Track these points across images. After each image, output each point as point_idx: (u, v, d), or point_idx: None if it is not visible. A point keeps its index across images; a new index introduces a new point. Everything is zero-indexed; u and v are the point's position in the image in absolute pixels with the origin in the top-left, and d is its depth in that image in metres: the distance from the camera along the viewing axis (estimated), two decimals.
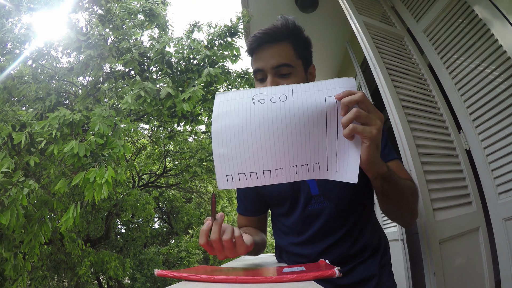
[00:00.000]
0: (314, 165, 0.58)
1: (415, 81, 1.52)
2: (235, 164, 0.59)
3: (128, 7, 3.88)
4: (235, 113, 0.59)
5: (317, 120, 0.56)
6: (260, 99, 0.59)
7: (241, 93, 0.62)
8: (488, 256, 1.23)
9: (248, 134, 0.58)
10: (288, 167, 0.57)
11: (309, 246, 0.84)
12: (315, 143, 0.57)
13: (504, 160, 1.23)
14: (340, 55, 2.96)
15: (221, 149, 0.59)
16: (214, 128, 0.60)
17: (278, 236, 0.95)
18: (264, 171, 0.58)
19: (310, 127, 0.57)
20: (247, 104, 0.59)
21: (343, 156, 0.57)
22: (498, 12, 1.24)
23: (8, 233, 2.80)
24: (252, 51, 0.84)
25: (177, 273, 0.54)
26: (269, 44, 0.81)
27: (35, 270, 6.04)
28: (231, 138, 0.59)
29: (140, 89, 3.01)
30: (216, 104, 0.62)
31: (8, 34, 3.44)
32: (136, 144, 8.26)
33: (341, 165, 0.57)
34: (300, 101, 0.57)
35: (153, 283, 8.41)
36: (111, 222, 7.82)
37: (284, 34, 0.81)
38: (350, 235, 0.83)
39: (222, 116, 0.60)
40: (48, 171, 3.22)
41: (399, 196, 0.69)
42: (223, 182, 0.60)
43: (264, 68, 0.80)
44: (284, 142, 0.57)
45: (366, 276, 0.81)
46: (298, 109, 0.57)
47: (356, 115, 0.53)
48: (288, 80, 0.80)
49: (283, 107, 0.57)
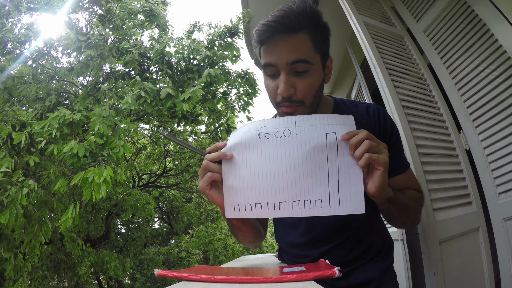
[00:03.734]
0: (316, 201, 0.60)
1: (415, 81, 1.52)
2: (242, 195, 0.64)
3: (128, 7, 3.88)
4: (243, 147, 0.64)
5: (318, 155, 0.61)
6: (266, 133, 0.63)
7: (247, 126, 0.66)
8: (488, 256, 1.23)
9: (254, 168, 0.63)
10: (291, 201, 0.61)
11: (312, 248, 0.84)
12: (317, 178, 0.61)
13: (504, 160, 1.23)
14: (340, 55, 2.96)
15: (230, 181, 0.64)
16: (224, 161, 0.65)
17: (280, 237, 0.94)
18: (268, 203, 0.62)
19: (312, 163, 0.61)
20: (254, 138, 0.64)
21: (346, 190, 0.60)
22: (498, 12, 1.24)
23: (8, 233, 2.80)
24: (262, 41, 0.71)
25: (177, 273, 0.54)
26: (283, 35, 0.67)
27: (35, 270, 6.04)
28: (239, 171, 0.64)
29: (140, 89, 3.01)
30: (229, 138, 0.67)
31: (8, 34, 3.43)
32: (136, 144, 8.25)
33: (343, 200, 0.59)
34: (302, 137, 0.61)
35: (153, 283, 8.41)
36: (111, 222, 7.82)
37: (301, 22, 0.67)
38: (354, 238, 0.82)
39: (231, 149, 0.65)
40: (48, 171, 3.22)
41: (403, 212, 0.72)
42: (231, 212, 0.64)
43: (277, 64, 0.69)
44: (287, 177, 0.61)
45: (366, 279, 0.80)
46: (301, 145, 0.61)
47: (368, 147, 0.57)
48: (304, 79, 0.70)
49: (287, 143, 0.62)
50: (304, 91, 0.71)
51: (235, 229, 0.79)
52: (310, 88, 0.71)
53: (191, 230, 10.53)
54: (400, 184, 0.80)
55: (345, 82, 3.02)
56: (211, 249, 9.06)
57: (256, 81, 4.42)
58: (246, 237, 0.82)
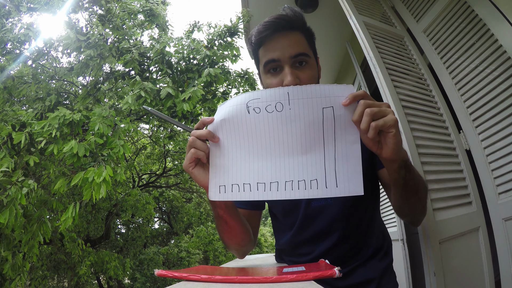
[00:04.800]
0: (311, 181, 0.55)
1: (415, 81, 1.52)
2: (229, 175, 0.58)
3: (128, 7, 3.87)
4: (231, 123, 0.58)
5: (314, 132, 0.56)
6: (255, 107, 0.57)
7: (235, 100, 0.59)
8: (488, 256, 1.23)
9: (243, 146, 0.58)
10: (283, 181, 0.56)
11: (311, 245, 0.83)
12: (312, 157, 0.56)
13: (504, 160, 1.23)
14: (340, 55, 2.96)
15: (217, 159, 0.59)
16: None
17: (279, 236, 0.93)
18: (258, 183, 0.57)
19: (307, 140, 0.56)
20: (242, 112, 0.57)
21: (343, 170, 0.55)
22: (498, 12, 1.24)
23: (7, 232, 2.80)
24: (262, 40, 0.75)
25: (177, 273, 0.54)
26: (282, 32, 0.74)
27: (35, 270, 6.04)
28: (226, 148, 0.58)
29: (140, 89, 3.01)
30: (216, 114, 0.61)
31: (8, 34, 3.43)
32: (136, 144, 8.25)
33: (341, 180, 0.55)
34: (296, 112, 0.56)
35: (153, 283, 8.41)
36: (111, 222, 7.81)
37: (295, 23, 0.75)
38: (353, 235, 0.82)
39: (218, 125, 0.59)
40: (47, 171, 3.22)
41: (417, 187, 0.67)
42: (215, 193, 0.59)
43: (281, 58, 0.73)
44: (280, 155, 0.56)
45: (365, 279, 0.80)
46: (294, 121, 0.56)
47: (371, 115, 0.53)
48: (305, 70, 0.74)
49: (279, 119, 0.56)
50: (307, 81, 0.73)
51: (221, 222, 0.73)
52: (311, 79, 0.74)
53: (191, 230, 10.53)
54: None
55: (345, 82, 3.01)
56: (211, 249, 9.06)
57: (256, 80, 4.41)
58: (233, 236, 0.78)
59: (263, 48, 0.76)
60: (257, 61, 0.82)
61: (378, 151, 0.56)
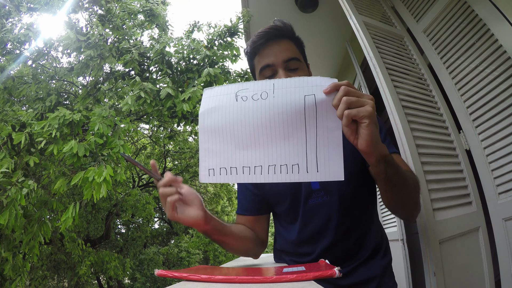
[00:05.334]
0: (293, 166, 0.58)
1: (415, 81, 1.52)
2: (217, 159, 0.62)
3: (128, 7, 3.88)
4: (220, 110, 0.62)
5: (296, 119, 0.58)
6: (243, 96, 0.61)
7: (226, 89, 0.64)
8: (488, 256, 1.23)
9: (230, 131, 0.61)
10: (267, 165, 0.59)
11: (310, 244, 0.84)
12: (294, 143, 0.58)
13: (504, 160, 1.23)
14: (340, 55, 2.96)
15: (206, 144, 0.62)
16: (201, 124, 0.63)
17: (280, 236, 0.94)
18: (244, 167, 0.60)
19: (289, 127, 0.58)
20: (231, 100, 0.62)
21: (324, 155, 0.57)
22: (498, 12, 1.24)
23: (8, 233, 2.80)
24: (257, 49, 0.84)
25: (177, 273, 0.54)
26: (275, 40, 0.82)
27: (35, 270, 6.04)
28: (215, 134, 0.62)
29: (140, 89, 3.01)
30: (204, 100, 0.65)
31: (8, 34, 3.43)
32: (136, 144, 8.26)
33: (321, 165, 0.57)
34: (280, 100, 0.59)
35: (153, 283, 8.41)
36: (111, 222, 7.82)
37: (285, 32, 0.84)
38: (352, 233, 0.82)
39: (208, 112, 0.63)
40: (47, 171, 3.22)
41: (403, 182, 0.68)
42: (205, 176, 0.63)
43: (275, 63, 0.81)
44: (263, 140, 0.59)
45: (367, 277, 0.81)
46: (277, 108, 0.59)
47: (347, 103, 0.54)
48: (297, 74, 0.81)
49: (263, 106, 0.59)
50: None
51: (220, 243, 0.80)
52: None
53: (191, 230, 10.53)
54: None
55: None
56: (211, 249, 9.07)
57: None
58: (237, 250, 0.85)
59: (258, 56, 0.84)
60: (253, 70, 0.89)
61: (354, 141, 0.57)
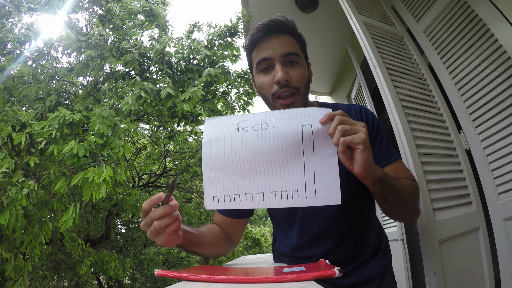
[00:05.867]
0: (293, 192, 0.61)
1: (415, 81, 1.52)
2: (221, 187, 0.65)
3: (128, 7, 3.87)
4: (222, 140, 0.66)
5: (294, 147, 0.62)
6: (244, 127, 0.66)
7: (227, 119, 0.68)
8: (488, 256, 1.23)
9: (232, 160, 0.64)
10: (268, 192, 0.62)
11: (311, 248, 0.84)
12: (293, 170, 0.62)
13: (504, 160, 1.23)
14: (340, 55, 2.96)
15: (210, 173, 0.66)
16: (204, 153, 0.67)
17: (279, 239, 0.94)
18: (246, 194, 0.63)
19: (288, 155, 0.62)
20: (232, 131, 0.66)
21: (322, 181, 0.60)
22: (498, 12, 1.24)
23: (8, 233, 2.80)
24: (255, 42, 0.82)
25: (177, 273, 0.54)
26: (274, 34, 0.80)
27: (35, 270, 6.04)
28: (218, 163, 0.65)
29: (140, 89, 3.01)
30: (206, 130, 0.68)
31: (8, 34, 3.43)
32: (136, 144, 8.25)
33: (320, 190, 0.60)
34: (279, 130, 0.63)
35: (153, 283, 8.41)
36: (111, 222, 7.81)
37: (285, 27, 0.81)
38: (351, 235, 0.82)
39: (211, 142, 0.67)
40: (48, 171, 3.22)
41: (398, 197, 0.71)
42: (210, 203, 0.65)
43: (272, 57, 0.79)
44: (264, 168, 0.63)
45: (368, 277, 0.81)
46: (277, 137, 0.63)
47: (342, 131, 0.59)
48: (296, 69, 0.79)
49: (264, 135, 0.64)
50: (297, 78, 0.78)
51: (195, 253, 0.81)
52: (302, 77, 0.79)
53: None
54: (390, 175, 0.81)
55: (345, 82, 3.02)
56: None
57: None
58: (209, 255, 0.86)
59: (256, 49, 0.82)
60: (250, 65, 0.87)
61: (350, 166, 0.62)
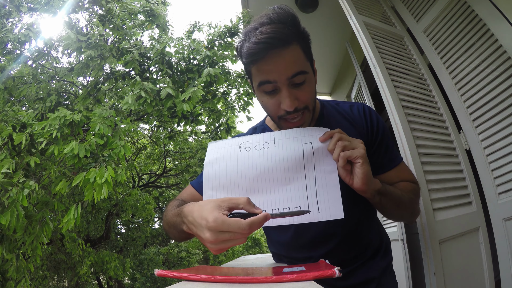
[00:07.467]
0: (295, 208, 0.62)
1: (415, 81, 1.52)
2: None
3: (129, 7, 3.88)
4: (224, 160, 0.68)
5: (295, 165, 0.64)
6: (246, 147, 0.68)
7: (229, 142, 0.70)
8: (488, 256, 1.23)
9: (234, 178, 0.66)
10: (270, 209, 0.63)
11: (310, 250, 0.83)
12: (295, 187, 0.63)
13: (504, 160, 1.23)
14: (340, 55, 2.96)
15: (211, 191, 0.67)
16: (206, 172, 0.68)
17: (278, 243, 0.91)
18: None
19: (290, 172, 0.64)
20: (235, 152, 0.68)
21: (323, 197, 0.62)
22: (498, 12, 1.24)
23: (9, 234, 2.80)
24: (253, 61, 0.67)
25: (177, 273, 0.54)
26: (276, 50, 0.65)
27: (35, 270, 6.04)
28: (220, 182, 0.67)
29: (141, 89, 3.01)
30: (208, 152, 0.69)
31: (8, 34, 3.43)
32: (136, 144, 8.26)
33: (322, 206, 0.62)
34: (280, 149, 0.65)
35: (153, 283, 8.41)
36: (111, 222, 7.81)
37: (290, 33, 0.65)
38: (351, 237, 0.82)
39: (213, 162, 0.68)
40: (48, 172, 3.23)
41: (397, 205, 0.73)
42: None
43: (277, 80, 0.67)
44: (266, 185, 0.64)
45: (367, 278, 0.80)
46: (278, 156, 0.65)
47: (342, 147, 0.61)
48: (303, 88, 0.69)
49: (266, 154, 0.66)
50: (306, 99, 0.71)
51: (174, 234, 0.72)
52: (310, 95, 0.72)
53: None
54: (393, 178, 0.82)
55: (345, 82, 3.02)
56: None
57: None
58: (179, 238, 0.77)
59: (257, 67, 0.68)
60: (249, 75, 0.75)
61: (350, 181, 0.63)
